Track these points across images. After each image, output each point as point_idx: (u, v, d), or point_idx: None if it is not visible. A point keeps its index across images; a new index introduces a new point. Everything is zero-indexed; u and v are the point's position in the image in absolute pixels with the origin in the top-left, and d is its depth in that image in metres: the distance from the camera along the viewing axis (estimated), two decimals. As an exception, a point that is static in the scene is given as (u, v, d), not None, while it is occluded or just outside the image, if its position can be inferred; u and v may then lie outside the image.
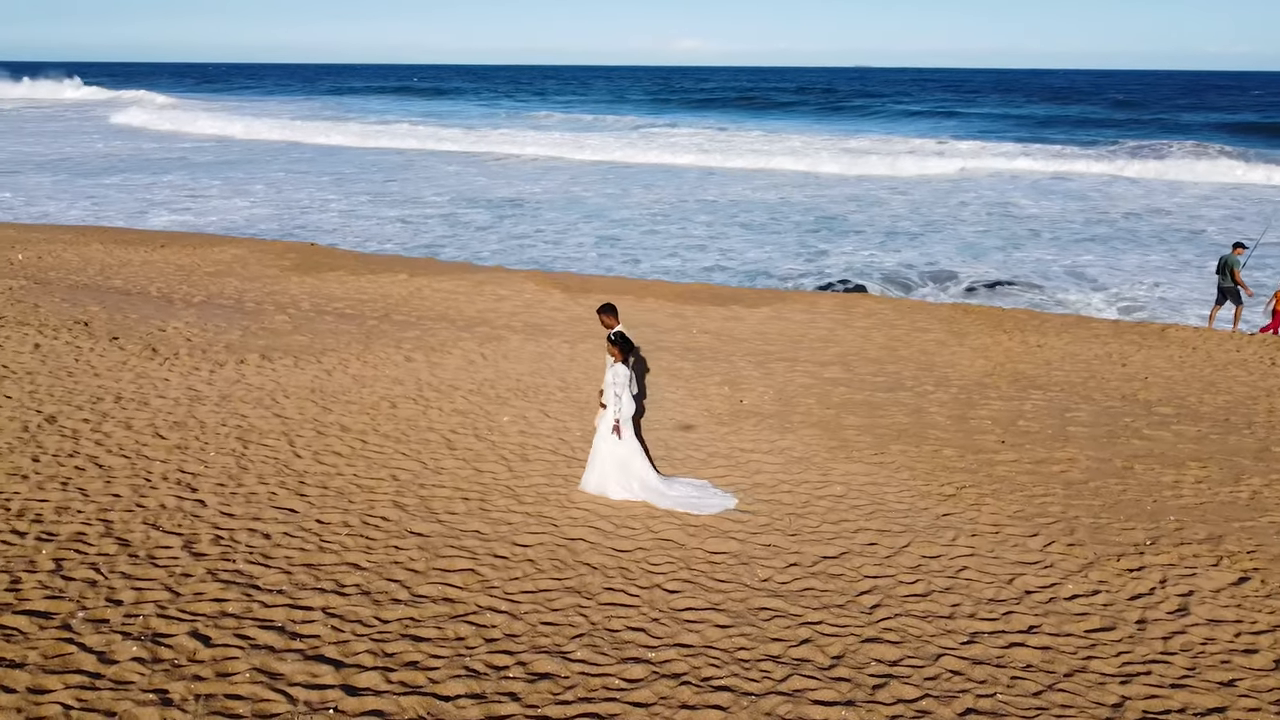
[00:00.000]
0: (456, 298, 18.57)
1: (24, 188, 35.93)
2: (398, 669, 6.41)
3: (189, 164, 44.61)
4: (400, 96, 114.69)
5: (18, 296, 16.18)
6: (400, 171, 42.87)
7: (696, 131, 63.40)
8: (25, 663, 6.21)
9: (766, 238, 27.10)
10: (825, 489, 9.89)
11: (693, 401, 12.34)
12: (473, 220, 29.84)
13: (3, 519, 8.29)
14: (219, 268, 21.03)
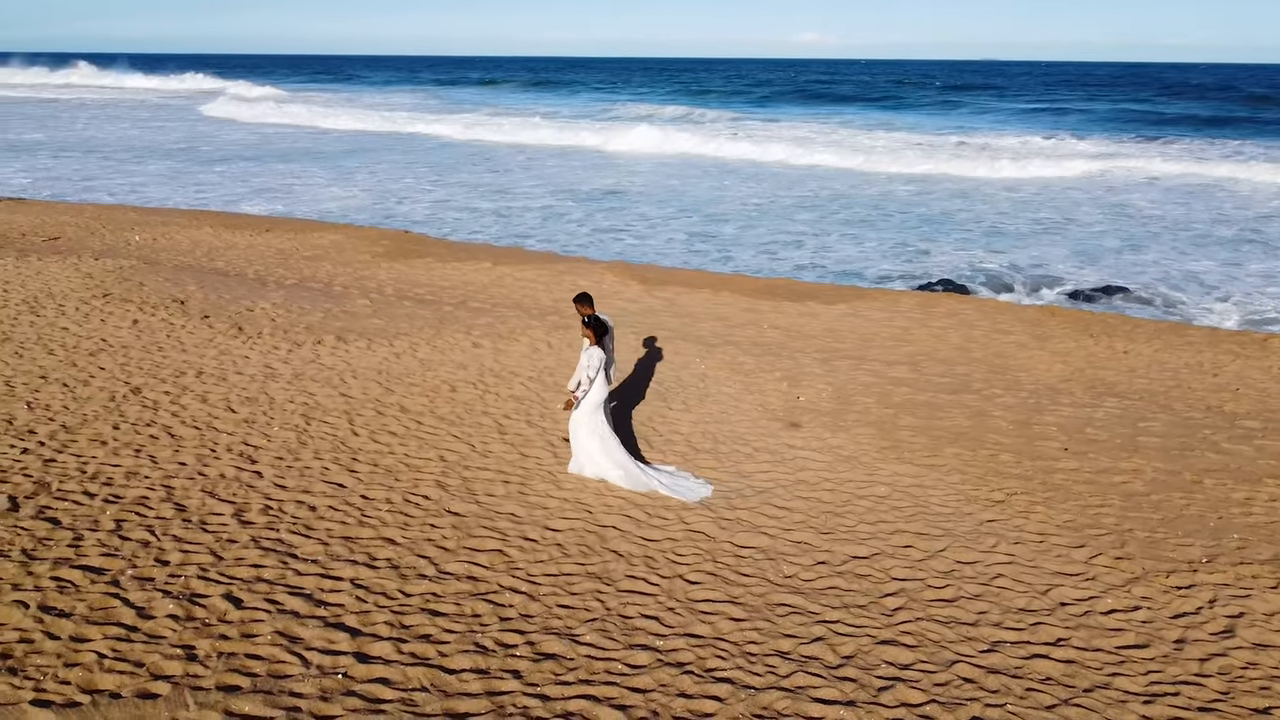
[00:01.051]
0: (535, 287, 18.90)
1: (147, 173, 38.02)
2: (411, 641, 6.66)
3: (302, 153, 46.44)
4: (511, 89, 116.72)
5: (126, 275, 17.21)
6: (501, 162, 43.70)
7: (803, 125, 62.58)
8: (72, 613, 6.68)
9: (867, 235, 26.64)
10: (868, 489, 9.76)
11: (748, 396, 12.31)
12: (567, 212, 30.23)
13: (77, 481, 8.89)
14: (316, 252, 21.90)
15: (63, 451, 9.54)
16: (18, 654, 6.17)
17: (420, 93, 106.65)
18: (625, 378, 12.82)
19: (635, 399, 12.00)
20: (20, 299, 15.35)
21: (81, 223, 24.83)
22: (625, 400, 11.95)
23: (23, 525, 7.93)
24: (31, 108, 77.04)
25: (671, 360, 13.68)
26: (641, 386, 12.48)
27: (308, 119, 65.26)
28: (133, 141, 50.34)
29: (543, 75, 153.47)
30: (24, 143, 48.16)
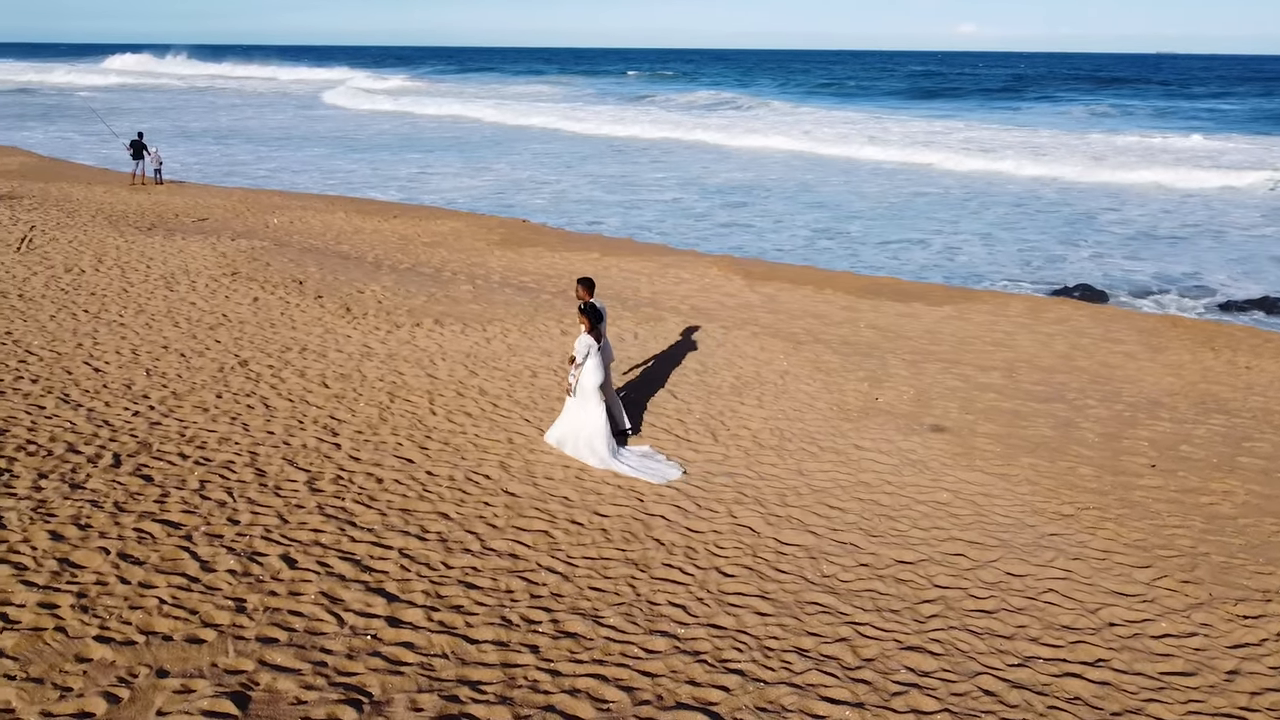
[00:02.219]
0: (638, 278, 19.18)
1: (295, 160, 40.26)
2: (442, 610, 7.01)
3: (439, 143, 48.21)
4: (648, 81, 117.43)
5: (256, 255, 18.40)
6: (631, 155, 44.21)
7: (949, 123, 60.70)
8: (145, 561, 7.34)
9: (1001, 237, 25.75)
10: (929, 494, 9.59)
11: (825, 395, 12.23)
12: (692, 206, 30.40)
13: (175, 443, 9.68)
14: (435, 239, 22.81)
15: (168, 416, 10.38)
16: (92, 594, 6.83)
17: (558, 85, 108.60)
18: (703, 371, 12.93)
19: (708, 393, 12.09)
20: (159, 274, 16.64)
21: (229, 205, 26.61)
22: (697, 393, 12.07)
23: (120, 480, 8.70)
24: (192, 96, 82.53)
25: (755, 356, 13.69)
26: (717, 381, 12.57)
27: (446, 110, 67.53)
28: (288, 130, 53.35)
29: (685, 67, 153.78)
30: (191, 129, 51.73)
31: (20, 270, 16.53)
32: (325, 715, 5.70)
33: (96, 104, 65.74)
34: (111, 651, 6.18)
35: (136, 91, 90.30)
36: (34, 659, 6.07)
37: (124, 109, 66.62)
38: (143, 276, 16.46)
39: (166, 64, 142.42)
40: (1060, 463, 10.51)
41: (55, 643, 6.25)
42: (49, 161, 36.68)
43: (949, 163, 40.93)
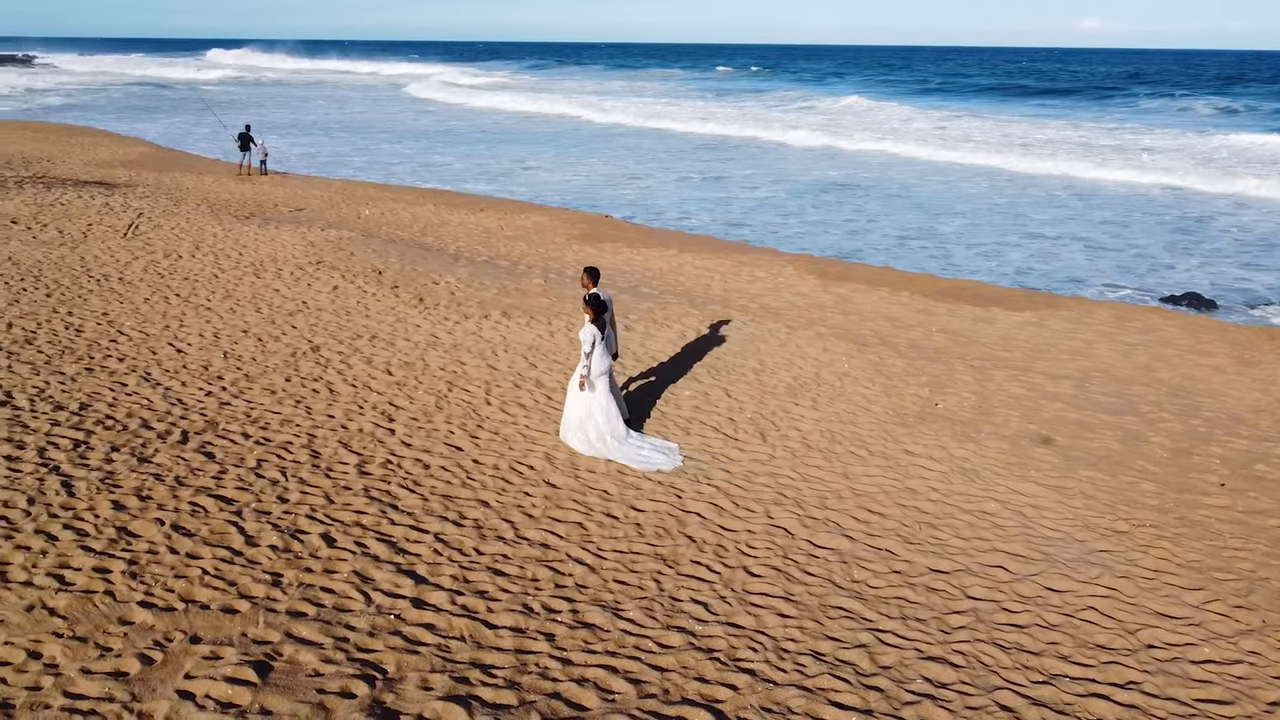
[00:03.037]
0: (711, 276, 19.18)
1: (394, 152, 41.40)
2: (466, 594, 7.22)
3: (532, 137, 48.92)
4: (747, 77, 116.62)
5: (341, 245, 19.06)
6: (725, 153, 44.12)
7: (1059, 122, 58.70)
8: (195, 534, 7.74)
9: (1106, 243, 24.85)
10: (976, 504, 9.39)
11: (883, 399, 12.06)
12: (783, 204, 30.21)
13: (241, 423, 10.15)
14: (517, 232, 23.22)
15: (238, 397, 10.89)
16: (142, 562, 7.25)
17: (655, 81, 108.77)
18: (761, 370, 12.88)
19: (762, 393, 12.05)
20: (249, 262, 17.40)
21: (326, 196, 27.58)
22: (752, 392, 12.04)
23: (184, 456, 9.19)
24: (296, 89, 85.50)
25: (817, 358, 13.58)
26: (774, 381, 12.51)
27: (542, 105, 68.42)
28: (390, 123, 54.91)
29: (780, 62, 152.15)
30: (296, 122, 53.70)
31: (124, 255, 17.49)
32: (339, 688, 5.95)
33: (210, 97, 68.89)
34: (152, 616, 6.56)
35: (245, 85, 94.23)
36: (82, 619, 6.49)
37: (236, 102, 69.58)
38: (234, 263, 17.23)
39: (269, 59, 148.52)
40: (1121, 477, 10.15)
41: (103, 605, 6.66)
42: (166, 152, 38.57)
43: (1055, 164, 39.55)
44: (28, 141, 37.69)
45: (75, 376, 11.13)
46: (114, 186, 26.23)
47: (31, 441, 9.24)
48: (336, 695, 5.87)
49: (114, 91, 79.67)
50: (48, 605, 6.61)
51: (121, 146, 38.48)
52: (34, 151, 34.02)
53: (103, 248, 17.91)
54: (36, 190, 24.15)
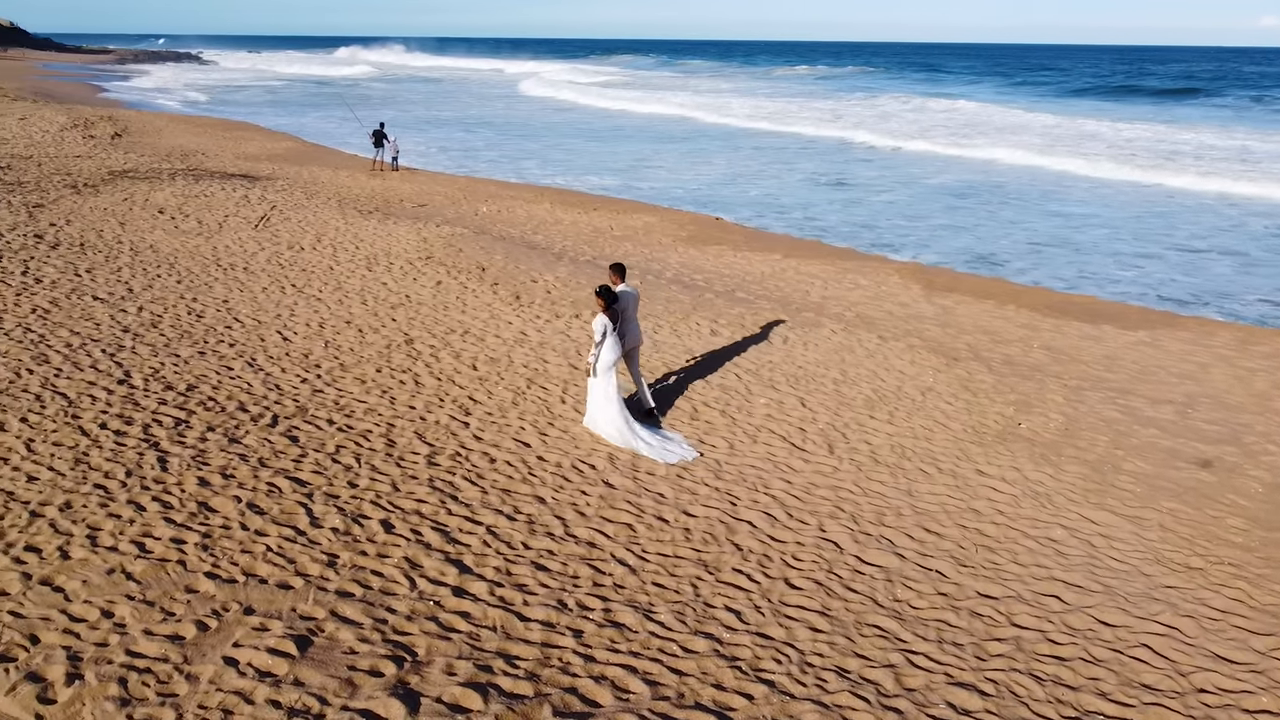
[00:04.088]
0: (812, 281, 19.04)
1: (519, 149, 42.45)
2: (505, 586, 7.51)
3: (656, 136, 49.28)
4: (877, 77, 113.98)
5: (452, 242, 19.79)
6: (853, 153, 43.47)
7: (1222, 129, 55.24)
8: (267, 512, 8.31)
9: (1263, 257, 23.47)
10: (1042, 529, 9.12)
11: (964, 417, 11.79)
12: (909, 207, 29.64)
13: (328, 410, 10.77)
14: (626, 233, 23.57)
15: (330, 385, 11.54)
16: (215, 536, 7.84)
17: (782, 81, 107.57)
18: (842, 380, 12.77)
19: (839, 403, 11.96)
20: (364, 255, 18.29)
21: (449, 193, 28.61)
22: (828, 402, 11.95)
23: (271, 439, 9.83)
24: (428, 86, 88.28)
25: (903, 370, 13.36)
26: (853, 392, 12.39)
27: (669, 106, 68.75)
28: (523, 121, 56.28)
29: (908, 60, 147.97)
30: (430, 119, 55.66)
31: (252, 245, 18.65)
32: (369, 667, 6.32)
33: (349, 94, 72.14)
34: (215, 587, 7.10)
35: (381, 82, 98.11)
36: (153, 585, 7.08)
37: (374, 99, 72.63)
38: (349, 256, 18.15)
39: (400, 56, 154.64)
40: (1207, 511, 9.66)
41: (174, 573, 7.25)
42: (311, 147, 40.68)
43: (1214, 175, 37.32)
44: (188, 135, 40.40)
45: (188, 359, 12.01)
46: (256, 179, 27.89)
47: (139, 418, 10.06)
48: (365, 673, 6.24)
49: (270, 88, 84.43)
50: (126, 570, 7.24)
51: (270, 141, 40.79)
52: (192, 145, 36.46)
53: (234, 238, 19.14)
54: (186, 182, 25.93)
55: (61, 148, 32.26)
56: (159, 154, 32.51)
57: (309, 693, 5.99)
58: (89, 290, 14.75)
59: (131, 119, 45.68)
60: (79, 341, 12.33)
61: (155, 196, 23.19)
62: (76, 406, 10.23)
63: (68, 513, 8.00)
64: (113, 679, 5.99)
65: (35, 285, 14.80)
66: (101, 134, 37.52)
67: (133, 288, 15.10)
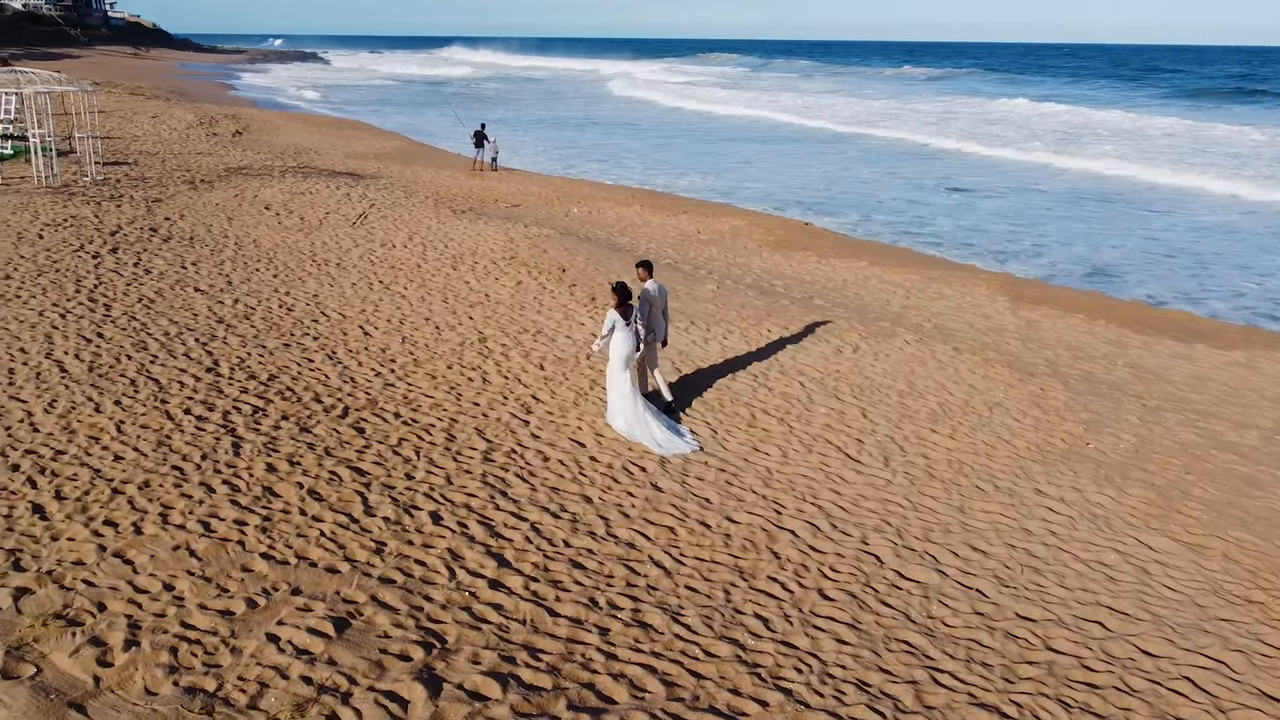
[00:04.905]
0: (894, 291, 18.81)
1: (625, 149, 42.88)
2: (540, 582, 7.77)
3: (759, 138, 49.08)
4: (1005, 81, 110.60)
5: (537, 242, 20.24)
6: (959, 164, 42.54)
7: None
8: (325, 499, 8.76)
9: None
10: (1095, 553, 8.91)
11: (1030, 434, 11.54)
12: (1028, 217, 28.94)
13: (396, 405, 11.23)
14: (712, 236, 23.67)
15: (402, 379, 12.03)
16: (274, 519, 8.32)
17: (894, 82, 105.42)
18: (908, 393, 12.63)
19: (901, 416, 11.85)
20: (451, 254, 18.88)
21: (544, 193, 29.19)
22: (890, 414, 11.85)
23: (339, 429, 10.33)
24: (531, 85, 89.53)
25: (973, 384, 13.13)
26: (918, 405, 12.25)
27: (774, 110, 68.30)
28: (628, 122, 56.80)
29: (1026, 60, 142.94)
30: (532, 119, 56.62)
31: (347, 242, 19.46)
32: (399, 651, 6.65)
33: (457, 94, 73.92)
34: (268, 567, 7.56)
35: (485, 82, 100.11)
36: (213, 562, 7.58)
37: (480, 98, 74.27)
38: (438, 255, 18.76)
39: (501, 56, 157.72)
40: (1277, 543, 9.25)
41: (232, 553, 7.74)
42: (417, 146, 42.00)
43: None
44: (303, 133, 42.20)
45: (273, 350, 12.67)
46: (361, 177, 28.99)
47: (220, 405, 10.71)
48: (395, 656, 6.57)
49: (382, 88, 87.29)
50: (191, 547, 7.76)
51: (379, 140, 42.27)
52: (305, 143, 38.08)
53: (332, 235, 20.00)
54: (295, 179, 27.15)
55: (186, 145, 34.14)
56: (274, 151, 34.08)
57: (340, 671, 6.35)
58: (192, 282, 15.67)
59: (253, 117, 47.96)
60: (176, 330, 13.14)
61: (264, 193, 24.37)
62: (165, 392, 10.94)
63: (145, 491, 8.61)
64: (165, 647, 6.46)
65: (144, 276, 15.81)
66: (224, 132, 39.52)
67: (232, 280, 15.97)
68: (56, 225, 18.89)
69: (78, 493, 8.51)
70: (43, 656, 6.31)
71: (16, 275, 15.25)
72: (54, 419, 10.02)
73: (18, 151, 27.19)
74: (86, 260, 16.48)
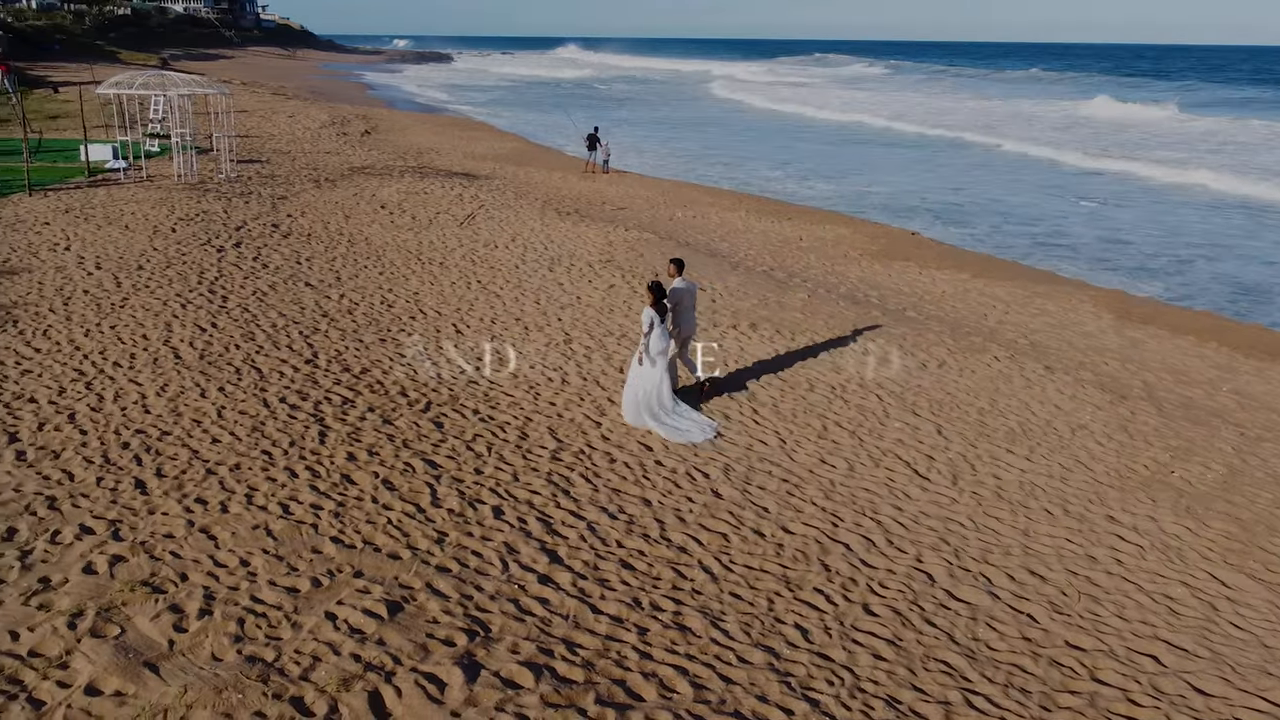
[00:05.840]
0: (993, 305, 18.41)
1: (743, 152, 42.91)
2: (588, 580, 8.07)
3: (887, 144, 48.28)
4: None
5: (634, 246, 20.60)
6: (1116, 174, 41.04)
7: None
8: (397, 489, 9.28)
9: None
10: (1161, 585, 8.66)
11: (1110, 459, 11.21)
12: (1171, 229, 27.87)
13: (476, 402, 11.72)
14: (813, 244, 23.58)
15: (485, 377, 12.52)
16: (348, 505, 8.88)
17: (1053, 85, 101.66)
18: (989, 410, 12.42)
19: (978, 434, 11.67)
20: (550, 256, 19.42)
21: (651, 196, 29.56)
22: (967, 432, 11.69)
23: (419, 423, 10.88)
24: (647, 87, 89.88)
25: (1059, 405, 12.81)
26: (997, 424, 12.04)
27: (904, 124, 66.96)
28: (750, 126, 56.74)
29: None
30: (655, 119, 57.04)
31: (453, 241, 20.24)
32: (445, 636, 7.05)
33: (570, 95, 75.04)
34: (336, 550, 8.09)
35: (611, 83, 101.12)
36: (287, 542, 8.16)
37: (599, 100, 75.22)
38: (536, 256, 19.33)
39: (615, 57, 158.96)
40: (1368, 587, 8.79)
41: (306, 534, 8.31)
42: (534, 147, 43.04)
43: None
44: (427, 134, 43.79)
45: (369, 345, 13.38)
46: (475, 178, 29.97)
47: (314, 395, 11.41)
48: (439, 641, 6.97)
49: (504, 88, 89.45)
50: (269, 527, 8.37)
51: (498, 141, 43.49)
52: (428, 143, 39.53)
53: (439, 234, 20.83)
54: (412, 179, 28.29)
55: (316, 144, 35.93)
56: (397, 151, 35.52)
57: (387, 651, 6.78)
58: (304, 277, 16.63)
59: (383, 117, 50.00)
60: (283, 323, 14.01)
61: (381, 192, 25.51)
62: (265, 381, 11.72)
63: (235, 473, 9.30)
64: (234, 618, 7.03)
65: (261, 270, 16.85)
66: (353, 131, 41.38)
67: (340, 276, 16.87)
68: (189, 220, 20.28)
69: (176, 471, 9.26)
70: (128, 619, 6.96)
71: (148, 266, 16.49)
72: (164, 402, 10.88)
73: (163, 149, 29.22)
74: (211, 254, 17.66)
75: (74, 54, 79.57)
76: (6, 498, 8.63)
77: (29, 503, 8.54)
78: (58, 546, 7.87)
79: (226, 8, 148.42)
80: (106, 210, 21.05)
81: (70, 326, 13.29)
